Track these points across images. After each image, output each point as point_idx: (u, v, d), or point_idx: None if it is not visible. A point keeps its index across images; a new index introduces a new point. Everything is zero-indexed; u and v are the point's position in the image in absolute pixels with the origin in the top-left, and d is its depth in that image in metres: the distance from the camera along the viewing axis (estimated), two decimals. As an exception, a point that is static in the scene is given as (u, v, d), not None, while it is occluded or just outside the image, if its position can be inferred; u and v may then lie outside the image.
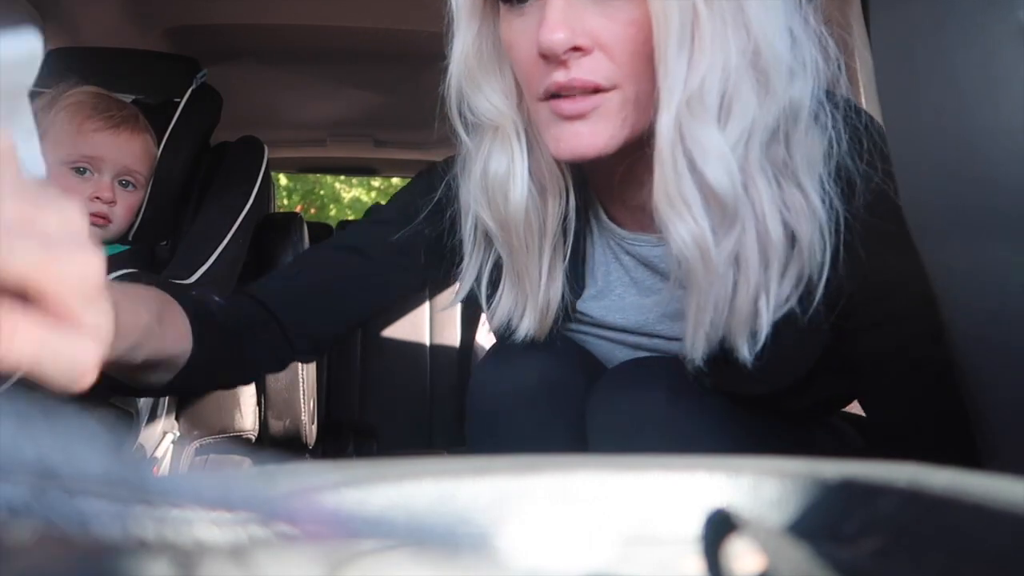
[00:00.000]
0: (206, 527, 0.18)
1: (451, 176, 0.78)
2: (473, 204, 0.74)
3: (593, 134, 0.63)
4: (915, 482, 0.25)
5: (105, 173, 1.20)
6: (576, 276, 0.77)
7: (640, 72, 0.61)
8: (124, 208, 1.23)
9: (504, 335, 0.80)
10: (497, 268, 0.78)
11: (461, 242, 0.79)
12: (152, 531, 0.17)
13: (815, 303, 0.64)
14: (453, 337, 2.38)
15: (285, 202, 8.08)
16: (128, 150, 1.22)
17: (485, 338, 2.34)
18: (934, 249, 0.48)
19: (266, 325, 0.77)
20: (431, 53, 0.73)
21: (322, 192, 8.78)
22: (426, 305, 2.41)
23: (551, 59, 0.61)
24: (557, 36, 0.60)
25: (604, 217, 0.77)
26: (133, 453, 0.97)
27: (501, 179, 0.70)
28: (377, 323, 2.38)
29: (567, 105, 0.63)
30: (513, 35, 0.65)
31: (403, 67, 1.96)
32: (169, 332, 0.64)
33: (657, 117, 0.61)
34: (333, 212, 8.65)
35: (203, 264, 1.20)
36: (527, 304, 0.76)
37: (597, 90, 0.62)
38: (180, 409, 1.44)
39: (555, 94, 0.63)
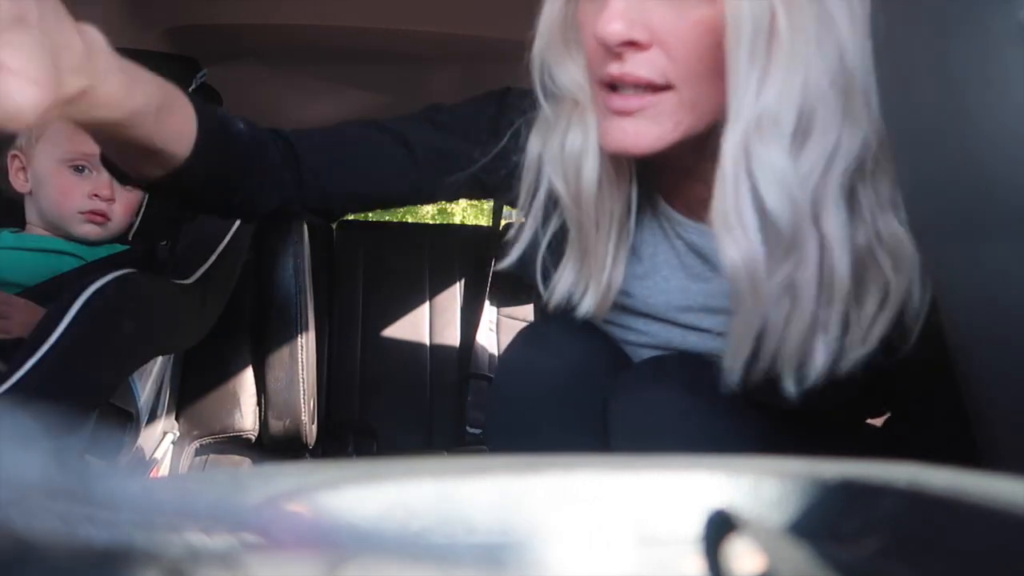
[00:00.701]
0: (181, 536, 0.18)
1: (522, 121, 0.75)
2: (550, 174, 0.72)
3: (638, 134, 0.62)
4: (915, 482, 0.25)
5: (104, 171, 1.19)
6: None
7: (702, 76, 0.59)
8: (123, 206, 1.22)
9: (562, 311, 0.78)
10: (556, 240, 0.75)
11: (505, 180, 0.77)
12: (140, 539, 0.17)
13: (906, 346, 0.61)
14: (453, 337, 2.38)
15: (285, 202, 8.05)
16: None
17: (485, 338, 2.34)
18: (934, 249, 0.48)
19: (285, 162, 0.74)
20: (431, 53, 0.74)
21: (322, 192, 8.77)
22: (426, 305, 2.41)
23: (611, 52, 0.60)
24: (613, 27, 0.58)
25: (661, 200, 0.75)
26: (85, 457, 0.96)
27: (576, 154, 0.69)
28: (377, 323, 2.38)
29: (617, 101, 0.61)
30: (583, 16, 0.64)
31: (403, 67, 1.96)
32: (167, 124, 0.61)
33: (725, 132, 0.58)
34: (333, 212, 8.63)
35: (203, 264, 1.20)
36: (590, 283, 0.74)
37: (650, 86, 0.60)
38: (180, 409, 1.44)
39: (610, 85, 0.62)
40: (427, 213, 9.00)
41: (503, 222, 2.50)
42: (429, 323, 2.40)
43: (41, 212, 1.21)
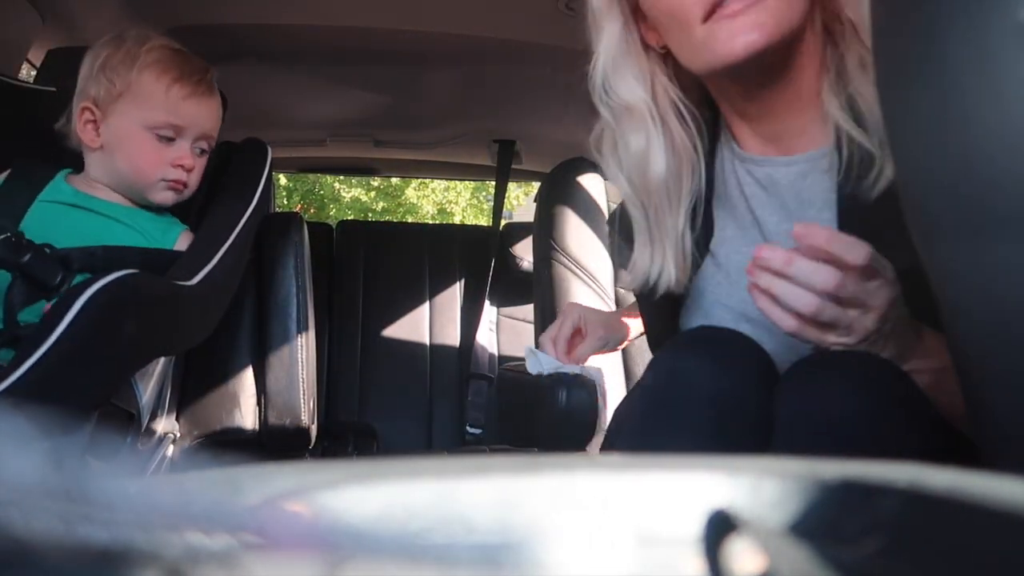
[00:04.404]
0: (180, 537, 0.18)
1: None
2: (614, 176, 0.86)
3: (762, 26, 0.72)
4: (915, 482, 0.25)
5: (187, 139, 1.21)
6: (707, 218, 0.88)
7: None
8: (198, 174, 1.25)
9: (645, 292, 0.90)
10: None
11: None
12: (140, 539, 0.17)
13: None
14: (453, 337, 2.38)
15: (285, 202, 8.08)
16: (209, 116, 1.23)
17: (485, 338, 2.34)
18: (934, 249, 0.48)
19: None
20: (431, 53, 0.74)
21: (322, 192, 8.79)
22: (426, 305, 2.41)
23: None
24: None
25: (737, 148, 0.87)
26: (82, 458, 0.94)
27: (640, 154, 0.83)
28: (377, 323, 2.38)
29: (733, 4, 0.71)
30: None
31: (403, 67, 1.96)
32: None
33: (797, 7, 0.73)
34: (333, 212, 8.65)
35: (206, 266, 1.20)
36: (665, 258, 0.86)
37: None
38: (180, 409, 1.44)
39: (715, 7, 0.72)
40: (427, 213, 9.00)
41: (503, 222, 2.50)
42: (429, 323, 2.40)
43: (113, 171, 1.20)
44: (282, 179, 6.93)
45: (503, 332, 2.40)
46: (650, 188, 0.84)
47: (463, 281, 2.44)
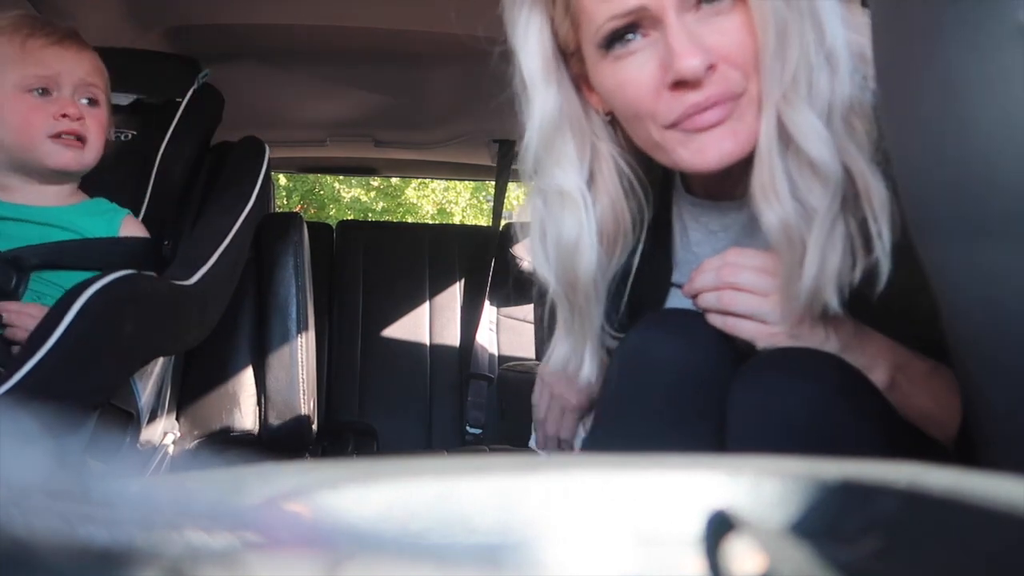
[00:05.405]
0: (181, 535, 0.18)
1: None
2: (539, 267, 0.78)
3: (736, 135, 0.67)
4: (915, 482, 0.25)
5: (64, 89, 1.13)
6: (664, 258, 0.83)
7: (754, 71, 0.66)
8: (95, 125, 1.16)
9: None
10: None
11: None
12: (140, 538, 0.17)
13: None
14: (453, 337, 2.38)
15: (285, 202, 8.08)
16: (79, 63, 1.15)
17: (485, 338, 2.34)
18: (934, 249, 0.48)
19: None
20: (431, 53, 0.74)
21: (322, 192, 8.78)
22: (426, 305, 2.41)
23: (690, 84, 0.65)
24: (695, 61, 0.64)
25: (686, 193, 0.82)
26: (82, 458, 0.93)
27: (571, 246, 0.75)
28: (377, 323, 2.38)
29: (709, 115, 0.66)
30: (625, 75, 0.69)
31: (403, 67, 1.96)
32: None
33: (761, 115, 0.66)
34: (333, 212, 8.65)
35: (204, 265, 1.20)
36: (585, 352, 0.80)
37: (731, 97, 0.66)
38: (180, 408, 1.44)
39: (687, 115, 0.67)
40: (427, 213, 9.00)
41: (503, 222, 2.50)
42: (429, 323, 2.40)
43: (6, 150, 1.13)
44: (282, 179, 6.92)
45: (503, 332, 2.40)
46: (577, 283, 0.76)
47: (463, 281, 2.45)
